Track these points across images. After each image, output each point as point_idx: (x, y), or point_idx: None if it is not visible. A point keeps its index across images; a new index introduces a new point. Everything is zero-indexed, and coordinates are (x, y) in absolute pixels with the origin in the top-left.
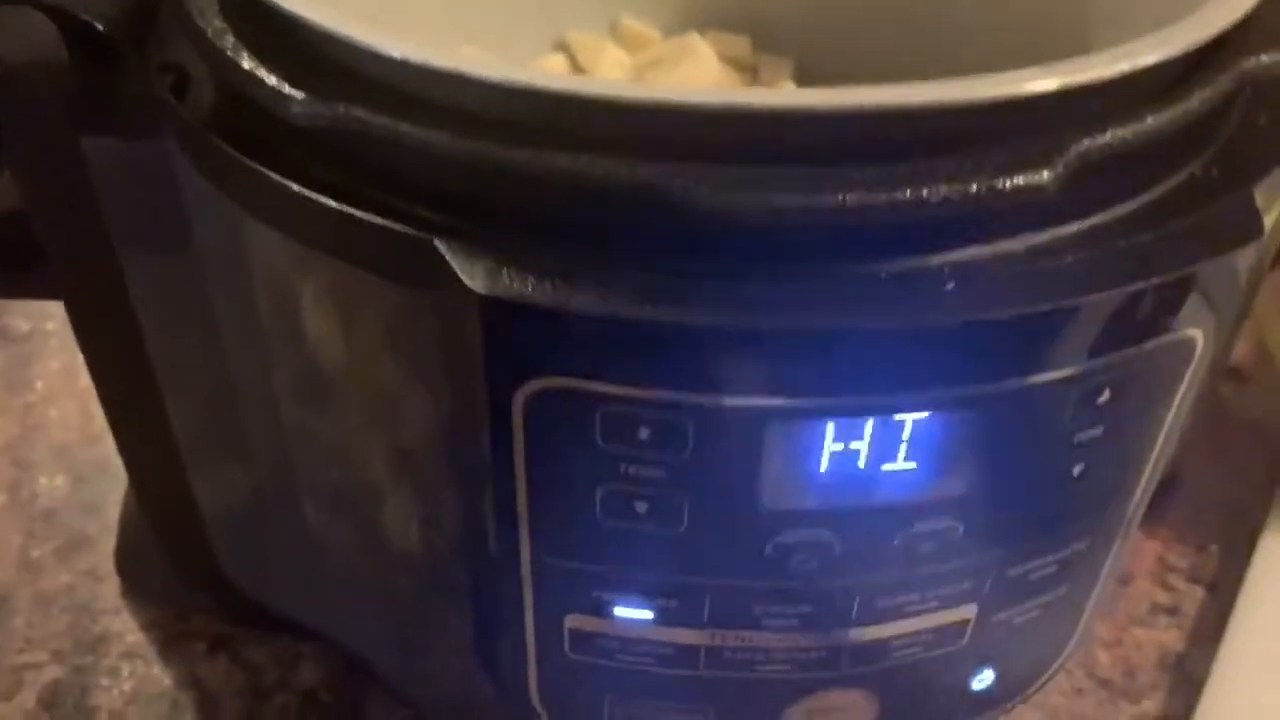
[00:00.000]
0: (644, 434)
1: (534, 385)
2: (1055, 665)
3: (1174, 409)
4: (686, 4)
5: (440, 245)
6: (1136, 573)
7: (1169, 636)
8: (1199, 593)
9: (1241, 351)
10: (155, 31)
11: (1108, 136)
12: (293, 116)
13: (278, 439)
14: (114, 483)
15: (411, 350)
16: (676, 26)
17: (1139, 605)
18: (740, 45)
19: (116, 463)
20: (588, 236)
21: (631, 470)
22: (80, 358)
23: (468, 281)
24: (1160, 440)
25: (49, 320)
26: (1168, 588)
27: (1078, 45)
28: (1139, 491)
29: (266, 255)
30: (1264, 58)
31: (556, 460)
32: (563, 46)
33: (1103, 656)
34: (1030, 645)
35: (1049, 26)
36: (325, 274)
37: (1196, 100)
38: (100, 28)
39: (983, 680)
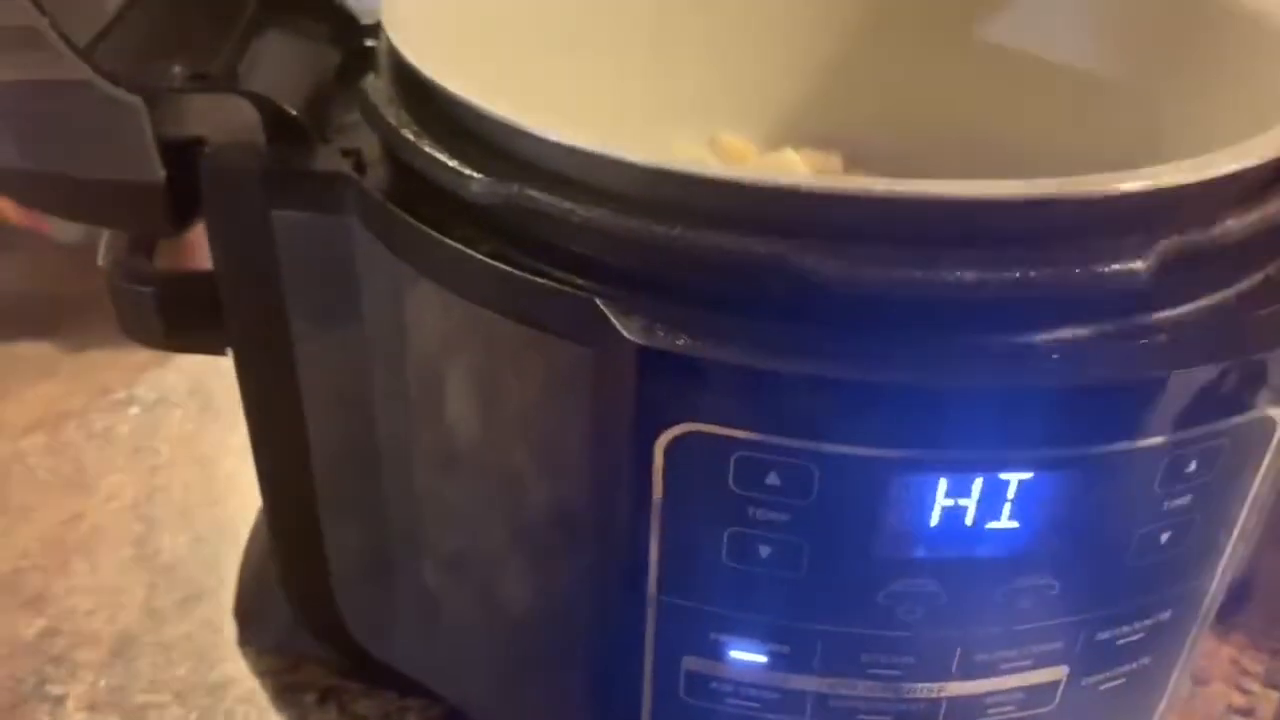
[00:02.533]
0: (772, 479)
1: (675, 430)
2: None
3: (1255, 486)
4: (781, 123)
5: (601, 302)
6: (1213, 675)
7: None
8: (1275, 696)
9: None
10: (331, 122)
11: (1194, 234)
12: (472, 195)
13: (412, 500)
14: (231, 543)
15: (566, 402)
16: (771, 144)
17: (1215, 706)
18: (831, 163)
19: (234, 524)
20: (728, 299)
21: (758, 514)
22: (201, 425)
23: (625, 334)
24: (1242, 517)
25: (173, 392)
26: (1243, 691)
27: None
28: (1220, 568)
29: (435, 318)
30: None
31: (690, 502)
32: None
33: None
34: (1115, 716)
35: (1119, 159)
36: (492, 333)
37: (1273, 207)
38: (293, 113)
39: None
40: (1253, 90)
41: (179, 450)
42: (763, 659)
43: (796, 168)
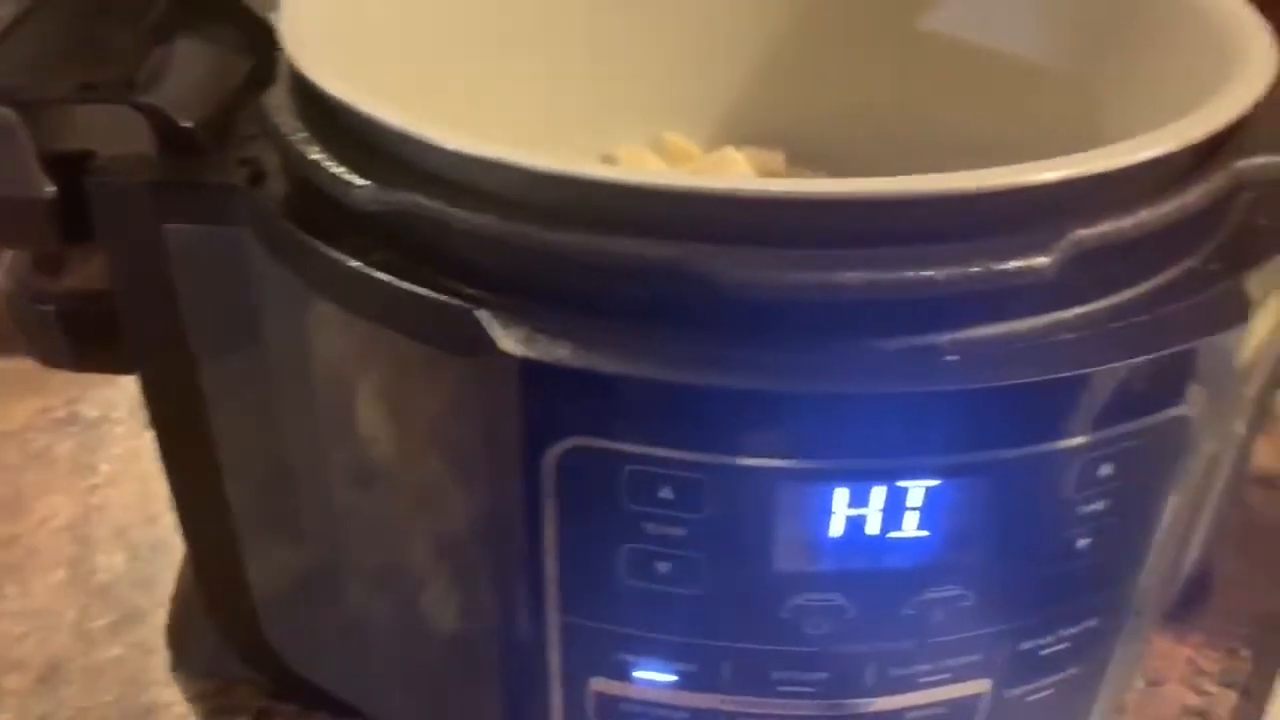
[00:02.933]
0: (666, 493)
1: (563, 445)
2: None
3: (1175, 487)
4: (725, 122)
5: (480, 314)
6: (1168, 677)
7: None
8: (1231, 697)
9: (1273, 459)
10: (234, 134)
11: (1104, 227)
12: (355, 202)
13: (326, 513)
14: (169, 561)
15: (452, 418)
16: (715, 143)
17: (1170, 708)
18: (774, 159)
19: (172, 542)
20: (619, 308)
21: (654, 529)
22: (143, 443)
23: (503, 346)
24: (1165, 519)
25: (115, 409)
26: (1199, 691)
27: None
28: (1146, 573)
29: (325, 331)
30: (1259, 159)
31: (584, 519)
32: (608, 159)
33: None
34: None
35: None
36: (377, 347)
37: (1191, 196)
38: (187, 125)
39: None
40: (1193, 78)
41: (119, 469)
42: (671, 679)
43: (738, 166)
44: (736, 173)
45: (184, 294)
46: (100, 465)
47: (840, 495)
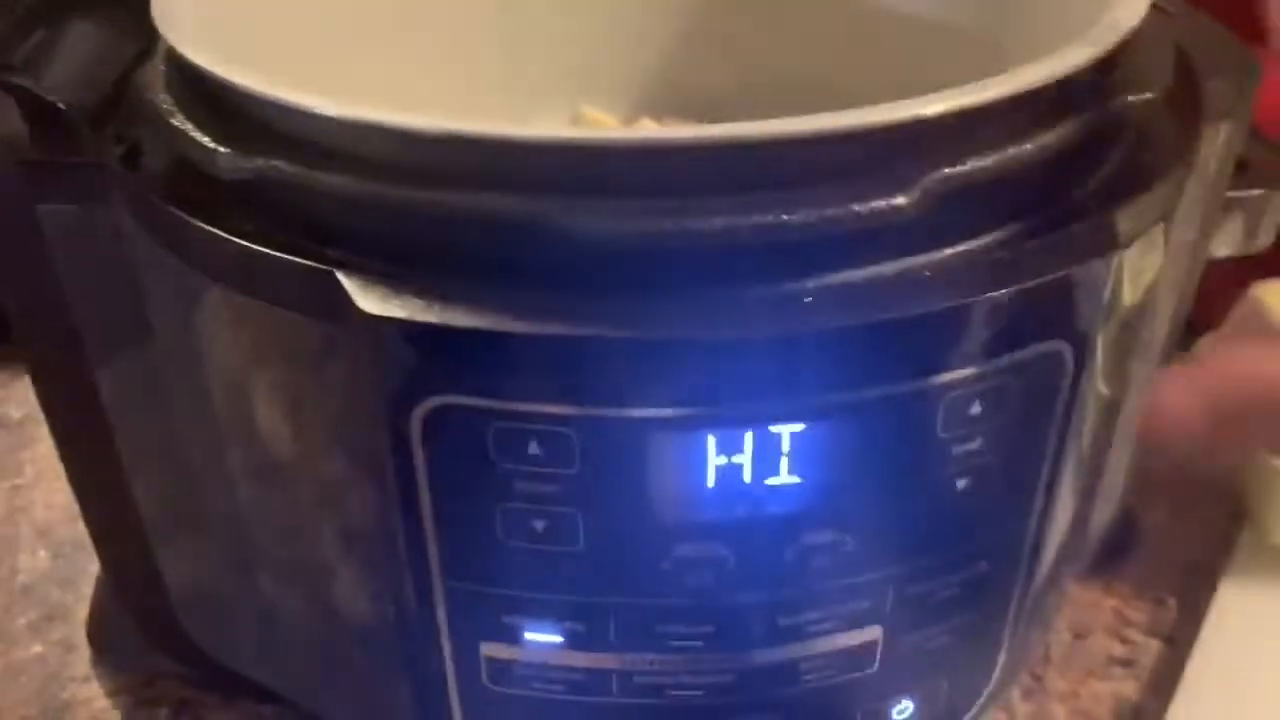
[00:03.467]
0: (534, 449)
1: (428, 404)
2: (979, 703)
3: (1055, 425)
4: (644, 94)
5: (339, 274)
6: (1094, 627)
7: (1126, 688)
8: (1156, 645)
9: None
10: (118, 111)
11: (967, 165)
12: (219, 169)
13: (222, 498)
14: (91, 558)
15: (322, 387)
16: (634, 115)
17: (1096, 659)
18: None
19: None
20: (476, 264)
21: (526, 487)
22: None
23: (361, 305)
24: (1049, 460)
25: (40, 409)
26: (1125, 641)
27: None
28: (1040, 515)
29: (198, 306)
30: (1130, 98)
31: (457, 481)
32: None
33: (1059, 709)
34: (946, 675)
35: None
36: (246, 319)
37: (1058, 133)
38: (58, 105)
39: (903, 712)
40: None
41: (44, 468)
42: (559, 639)
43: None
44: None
45: (67, 280)
46: (25, 467)
47: (711, 442)
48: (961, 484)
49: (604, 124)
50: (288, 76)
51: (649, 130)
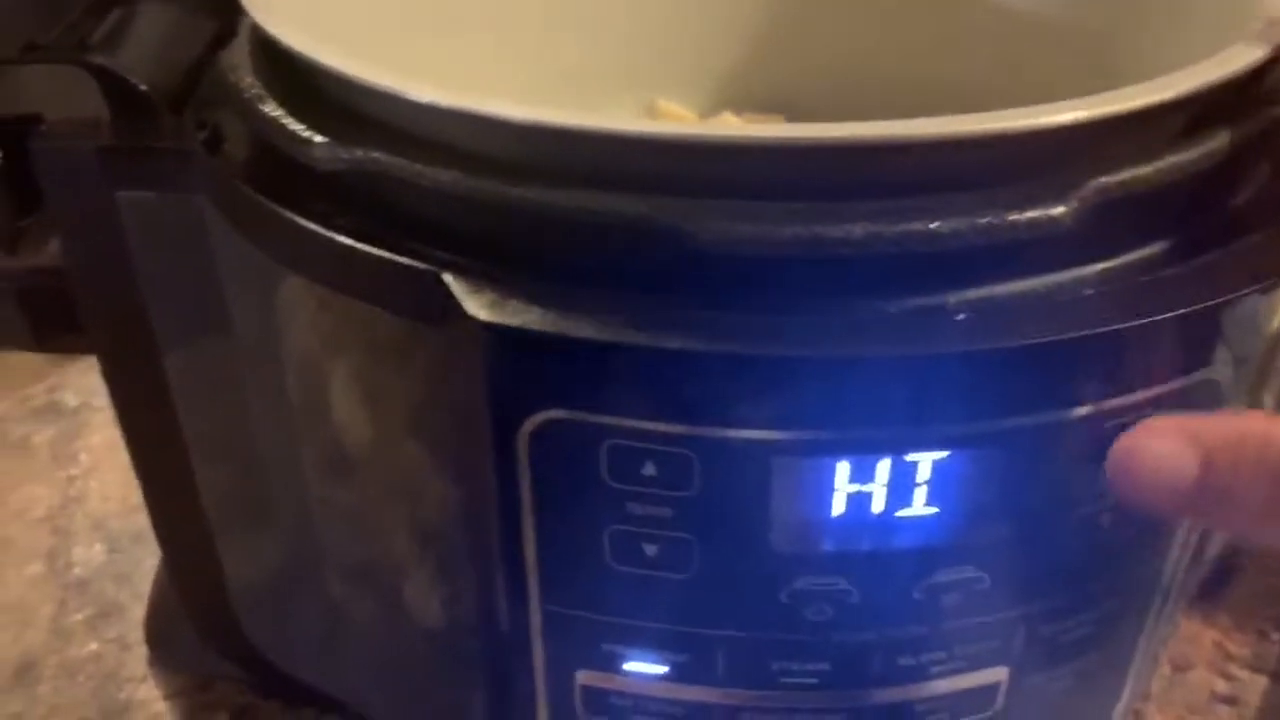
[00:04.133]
0: (649, 469)
1: (538, 419)
2: None
3: None
4: (722, 88)
5: (446, 277)
6: (1195, 660)
7: None
8: (1261, 682)
9: None
10: (197, 94)
11: (1126, 174)
12: (314, 161)
13: (299, 496)
14: (148, 552)
15: (422, 391)
16: (712, 109)
17: (1198, 694)
18: (773, 125)
19: (152, 534)
20: (593, 270)
21: (638, 509)
22: None
23: (471, 311)
24: None
25: (96, 395)
26: (1227, 676)
27: None
28: (1175, 549)
29: (288, 300)
30: None
31: (563, 499)
32: None
33: None
34: (1068, 716)
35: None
36: (341, 316)
37: (1219, 141)
38: (140, 86)
39: None
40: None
41: (99, 458)
42: (662, 670)
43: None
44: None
45: (142, 266)
46: (80, 455)
47: (842, 470)
48: (1105, 519)
49: (681, 118)
50: (369, 60)
51: (785, 128)
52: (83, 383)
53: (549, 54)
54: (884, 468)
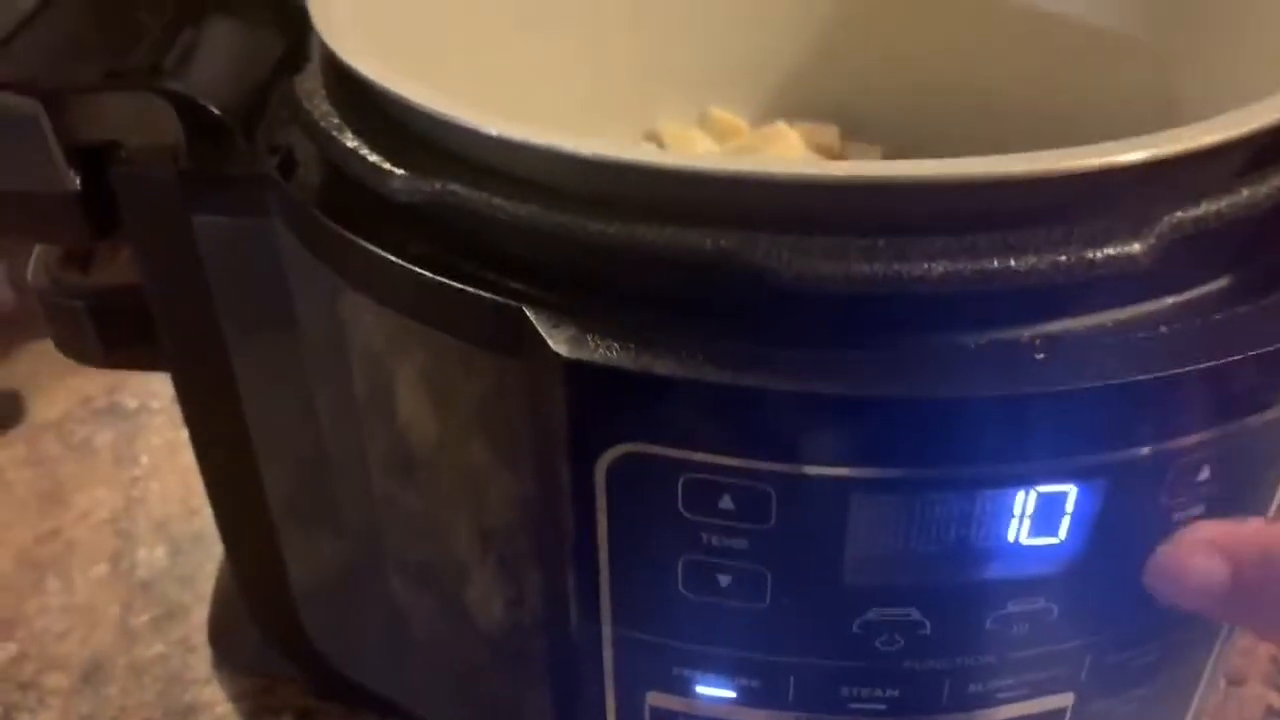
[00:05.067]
0: (726, 503)
1: (616, 451)
2: None
3: (1275, 490)
4: (774, 96)
5: (528, 311)
6: (1249, 675)
7: None
8: None
9: None
10: (266, 118)
11: (1201, 209)
12: (393, 192)
13: (367, 511)
14: (210, 555)
15: (498, 419)
16: (765, 117)
17: (1252, 709)
18: (828, 134)
19: (213, 535)
20: (673, 305)
21: (714, 541)
22: (183, 434)
23: (553, 347)
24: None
25: (155, 398)
26: None
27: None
28: None
29: (362, 326)
30: None
31: (639, 529)
32: (653, 135)
33: None
34: None
35: (1137, 121)
36: (418, 344)
37: None
38: (216, 112)
39: None
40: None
41: (159, 460)
42: (732, 694)
43: (790, 141)
44: (789, 148)
45: (216, 287)
46: (140, 456)
47: (918, 506)
48: None
49: (733, 126)
50: (431, 80)
51: (864, 165)
52: (141, 385)
53: (601, 60)
54: (959, 504)
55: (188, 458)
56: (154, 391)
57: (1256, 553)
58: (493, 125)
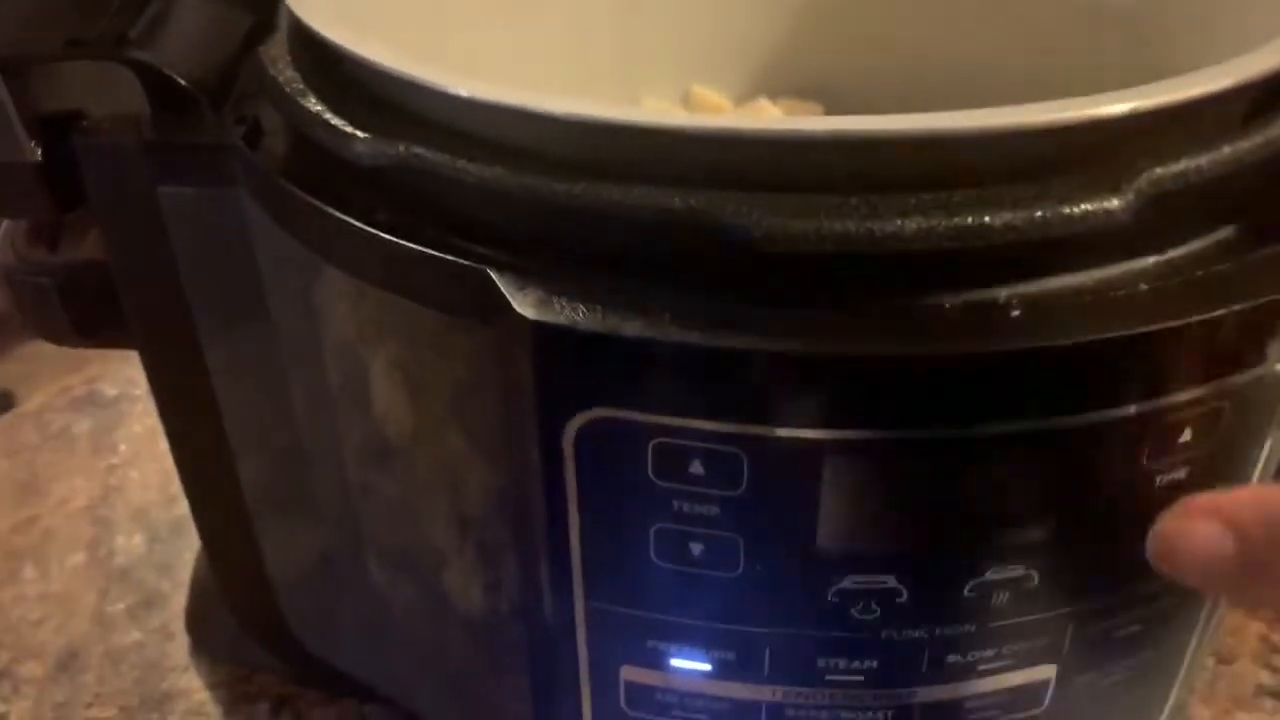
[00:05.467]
0: (697, 468)
1: (585, 416)
2: None
3: (1265, 453)
4: (758, 74)
5: (494, 274)
6: (1239, 653)
7: None
8: None
9: None
10: (235, 91)
11: (1181, 165)
12: (357, 156)
13: (342, 495)
14: (188, 542)
15: (468, 389)
16: (747, 95)
17: (1242, 687)
18: (811, 112)
19: (192, 523)
20: (641, 267)
21: (685, 508)
22: None
23: (519, 309)
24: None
25: (135, 386)
26: (1273, 669)
27: None
28: None
29: (330, 297)
30: None
31: (609, 497)
32: None
33: None
34: (1118, 714)
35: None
36: (384, 312)
37: (1273, 131)
38: (182, 82)
39: None
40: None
41: (139, 448)
42: (707, 667)
43: (772, 117)
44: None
45: (183, 261)
46: (119, 445)
47: (889, 468)
48: (1156, 516)
49: (715, 104)
50: (405, 51)
51: (835, 121)
52: (121, 373)
53: (584, 39)
54: (934, 467)
55: (166, 446)
56: (134, 380)
57: (1259, 516)
58: (461, 86)
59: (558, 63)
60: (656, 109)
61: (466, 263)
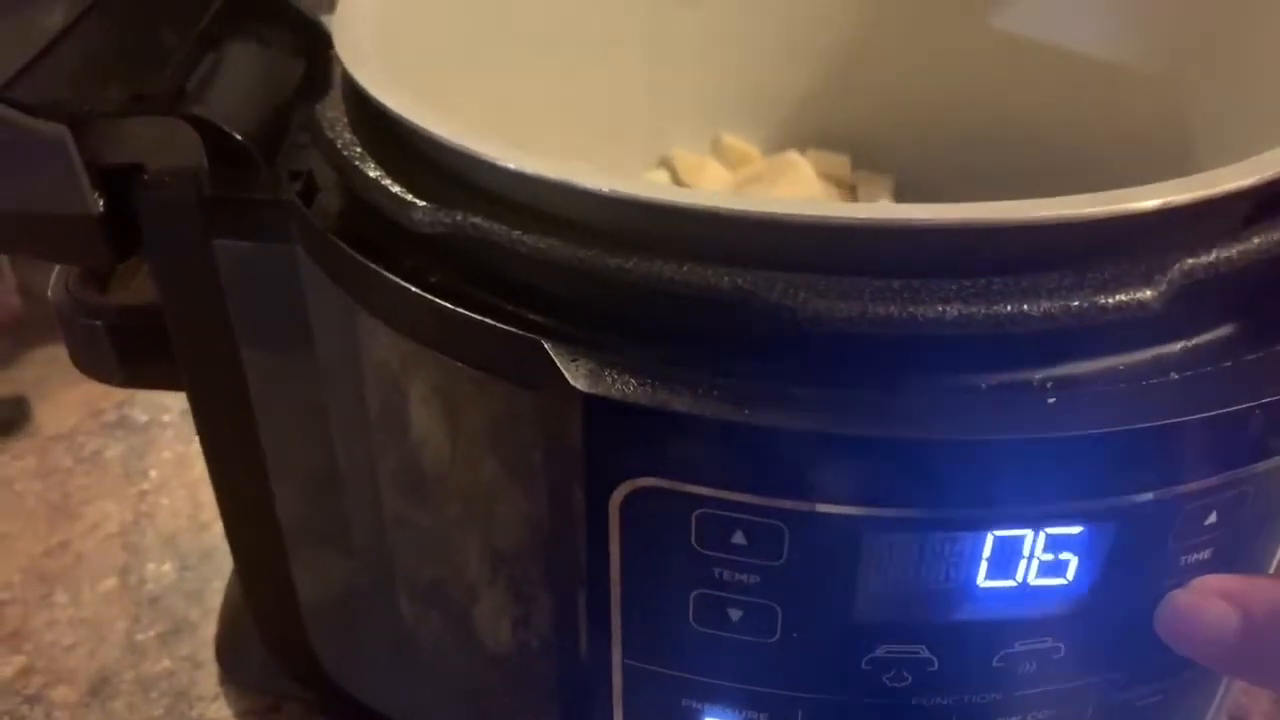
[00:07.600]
0: (739, 539)
1: (631, 485)
2: None
3: None
4: (786, 123)
5: (547, 345)
6: (1251, 712)
7: None
8: None
9: None
10: (286, 142)
11: (1212, 256)
12: (414, 223)
13: (377, 531)
14: (217, 570)
15: (513, 449)
16: (776, 145)
17: None
18: (839, 163)
19: (221, 551)
20: (690, 342)
21: (725, 576)
22: (193, 448)
23: (571, 381)
24: (1273, 567)
25: (165, 413)
26: None
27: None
28: None
29: (380, 353)
30: None
31: (651, 562)
32: (665, 162)
33: None
34: None
35: (1149, 152)
36: (436, 372)
37: None
38: (238, 138)
39: None
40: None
41: (169, 474)
42: None
43: (802, 170)
44: (800, 176)
45: (234, 310)
46: (150, 470)
47: (928, 545)
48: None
49: (745, 154)
50: (450, 107)
51: (880, 208)
52: (150, 399)
53: (616, 87)
54: (969, 544)
55: (197, 472)
56: (164, 405)
57: (1268, 606)
58: (510, 159)
59: (592, 111)
60: (699, 178)
61: (520, 331)
